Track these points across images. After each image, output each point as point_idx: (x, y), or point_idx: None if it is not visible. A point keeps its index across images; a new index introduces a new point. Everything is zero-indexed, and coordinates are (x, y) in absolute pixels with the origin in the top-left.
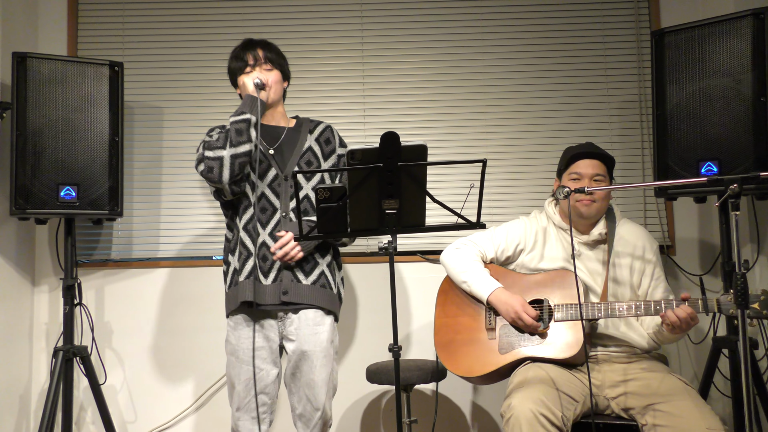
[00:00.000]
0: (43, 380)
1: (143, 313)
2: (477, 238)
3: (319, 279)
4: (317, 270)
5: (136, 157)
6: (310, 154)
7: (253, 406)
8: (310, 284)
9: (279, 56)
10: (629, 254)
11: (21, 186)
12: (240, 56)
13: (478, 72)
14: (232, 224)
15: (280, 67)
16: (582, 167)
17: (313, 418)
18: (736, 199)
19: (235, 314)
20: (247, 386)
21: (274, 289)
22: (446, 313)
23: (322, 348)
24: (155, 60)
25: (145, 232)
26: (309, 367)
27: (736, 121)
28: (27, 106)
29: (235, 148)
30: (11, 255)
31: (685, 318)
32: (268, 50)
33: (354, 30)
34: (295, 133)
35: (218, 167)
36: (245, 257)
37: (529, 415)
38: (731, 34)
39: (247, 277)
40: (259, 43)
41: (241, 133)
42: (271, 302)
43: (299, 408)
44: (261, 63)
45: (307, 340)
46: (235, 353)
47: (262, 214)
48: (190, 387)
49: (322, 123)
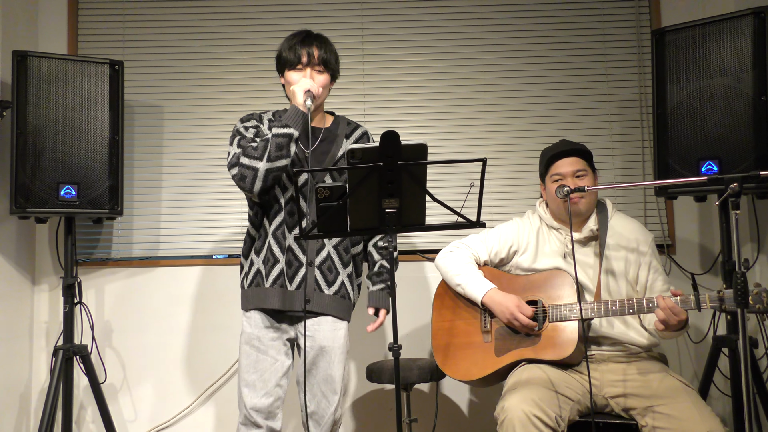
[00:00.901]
0: (43, 379)
1: (143, 311)
2: (470, 241)
3: (340, 290)
4: (339, 280)
5: (137, 156)
6: (344, 161)
7: (268, 398)
8: (332, 294)
9: (334, 57)
10: (623, 247)
11: (21, 185)
12: (294, 49)
13: (478, 71)
14: (259, 225)
15: (332, 70)
16: (562, 167)
17: (326, 415)
18: (737, 198)
19: (252, 311)
20: (262, 377)
21: (299, 295)
22: (442, 318)
23: (340, 345)
24: (156, 59)
25: (146, 231)
26: (327, 363)
27: (736, 120)
28: (27, 105)
29: (272, 163)
30: (11, 254)
31: (665, 309)
32: (324, 50)
33: (354, 30)
34: (331, 135)
35: (251, 177)
36: (272, 263)
37: (522, 417)
38: (732, 33)
39: (273, 284)
40: (317, 39)
41: (282, 148)
42: (294, 308)
43: (312, 405)
44: (314, 63)
45: (326, 336)
46: (250, 341)
47: (289, 218)
48: (190, 386)
49: (360, 128)
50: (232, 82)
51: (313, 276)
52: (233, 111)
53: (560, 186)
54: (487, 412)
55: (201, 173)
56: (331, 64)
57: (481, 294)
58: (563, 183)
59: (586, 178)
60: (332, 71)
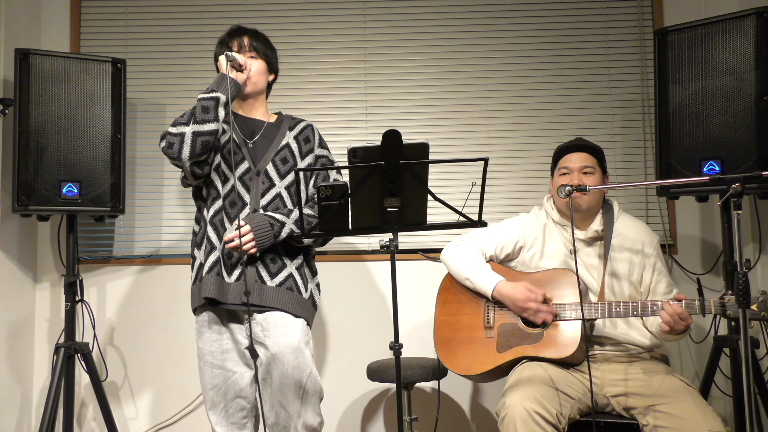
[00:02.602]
0: (44, 377)
1: (144, 309)
2: (476, 235)
3: (285, 281)
4: (284, 272)
5: (139, 154)
6: (287, 151)
7: (231, 411)
8: (275, 286)
9: (266, 46)
10: (628, 249)
11: (23, 182)
12: (225, 41)
13: (480, 72)
14: (199, 217)
15: (265, 57)
16: (569, 161)
17: (289, 426)
18: (739, 198)
19: (201, 313)
20: (219, 391)
21: (238, 288)
22: (446, 312)
23: (293, 349)
24: (158, 57)
25: (147, 230)
26: (280, 371)
27: (738, 120)
28: (30, 103)
29: (199, 126)
30: (13, 251)
31: (673, 315)
32: (255, 38)
33: (356, 28)
34: (274, 128)
35: (179, 143)
36: (209, 251)
37: (523, 413)
38: (734, 33)
39: (209, 271)
40: (247, 31)
41: (208, 110)
42: (233, 301)
43: (271, 417)
44: (245, 50)
45: (276, 342)
46: (203, 357)
47: (230, 208)
48: (191, 384)
49: (304, 121)
50: None
51: (256, 267)
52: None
53: (562, 185)
54: (488, 411)
55: None
56: (263, 51)
57: (491, 287)
58: (569, 177)
59: (593, 177)
60: (266, 58)
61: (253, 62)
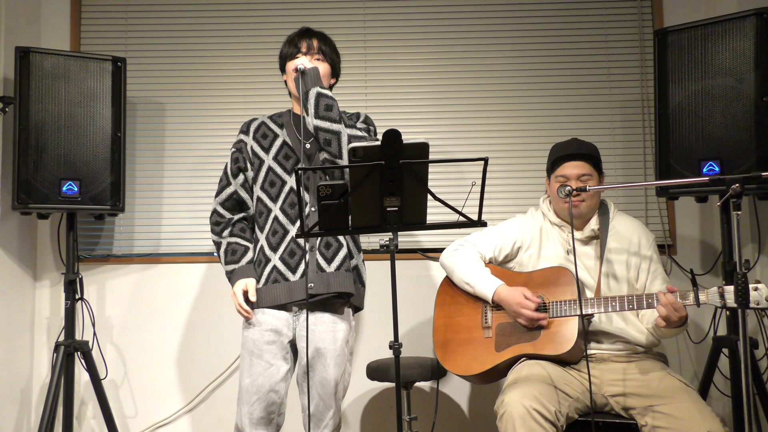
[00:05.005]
0: (44, 375)
1: (144, 308)
2: (474, 238)
3: (343, 263)
4: (341, 254)
5: (138, 152)
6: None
7: (263, 405)
8: (334, 270)
9: (333, 51)
10: (624, 249)
11: (23, 181)
12: (294, 42)
13: (480, 72)
14: (256, 233)
15: (331, 61)
16: (567, 170)
17: (325, 418)
18: (738, 198)
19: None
20: (255, 381)
21: (298, 285)
22: (445, 314)
23: (337, 347)
24: (158, 55)
25: (147, 228)
26: (323, 366)
27: (738, 120)
28: (30, 101)
29: (224, 265)
30: (13, 249)
31: (667, 305)
32: (324, 42)
33: (356, 27)
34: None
35: (216, 247)
36: (265, 264)
37: (521, 411)
38: (734, 33)
39: (273, 280)
40: (317, 33)
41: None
42: (297, 298)
43: (311, 407)
44: (313, 52)
45: (322, 337)
46: (245, 345)
47: (291, 209)
48: (191, 383)
49: (358, 113)
50: (234, 80)
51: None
52: (235, 108)
53: (562, 185)
54: (487, 410)
55: (203, 170)
56: (330, 55)
57: (491, 292)
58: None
59: (591, 182)
60: (332, 62)
61: (319, 64)
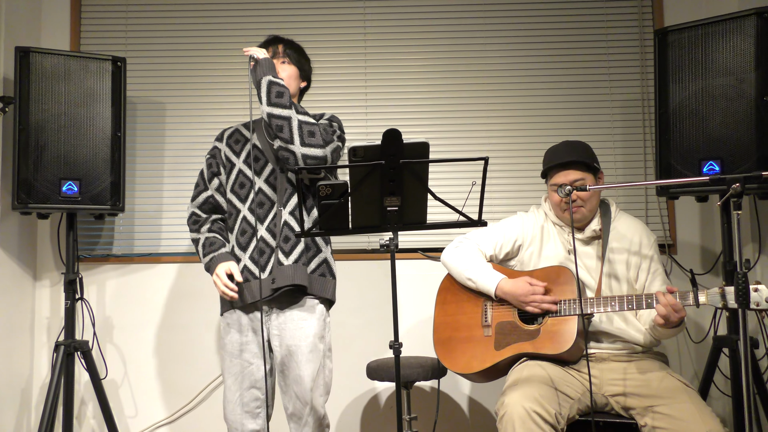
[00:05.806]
0: (44, 374)
1: (144, 308)
2: (475, 236)
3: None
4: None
5: (138, 152)
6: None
7: (245, 401)
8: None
9: (300, 55)
10: (625, 249)
11: (23, 180)
12: (262, 48)
13: (481, 70)
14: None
15: (298, 63)
16: (560, 179)
17: (303, 415)
18: (738, 198)
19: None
20: (236, 380)
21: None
22: (445, 312)
23: (308, 343)
24: (158, 55)
25: (147, 228)
26: (296, 363)
27: (738, 120)
28: (30, 101)
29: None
30: (13, 249)
31: (666, 305)
32: (289, 46)
33: (357, 27)
34: None
35: (194, 244)
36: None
37: (521, 413)
38: (734, 33)
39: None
40: (283, 39)
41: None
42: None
43: (290, 407)
44: (279, 56)
45: (292, 335)
46: (224, 347)
47: (259, 209)
48: (190, 382)
49: (323, 114)
50: (234, 79)
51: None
52: (235, 108)
53: (561, 185)
54: (487, 410)
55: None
56: (296, 58)
57: (493, 286)
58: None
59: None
60: (299, 65)
61: (284, 67)
